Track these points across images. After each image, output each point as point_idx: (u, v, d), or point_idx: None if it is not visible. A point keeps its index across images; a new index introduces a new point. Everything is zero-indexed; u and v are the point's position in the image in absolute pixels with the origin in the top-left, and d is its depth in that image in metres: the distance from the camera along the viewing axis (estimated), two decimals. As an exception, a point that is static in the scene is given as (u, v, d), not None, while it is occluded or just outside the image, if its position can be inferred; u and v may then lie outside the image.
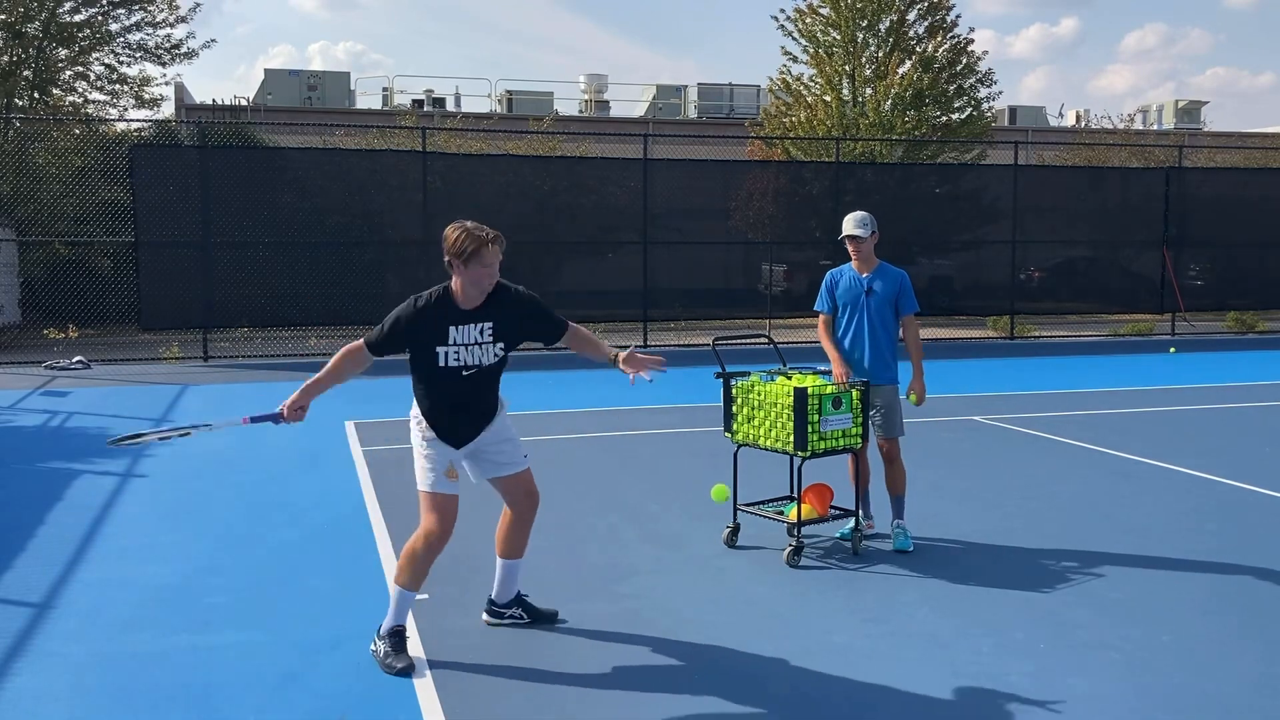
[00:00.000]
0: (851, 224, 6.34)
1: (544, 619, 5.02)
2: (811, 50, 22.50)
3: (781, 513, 6.37)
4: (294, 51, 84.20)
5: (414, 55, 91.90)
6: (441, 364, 4.45)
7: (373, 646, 4.63)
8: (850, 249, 6.36)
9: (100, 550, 6.29)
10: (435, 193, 16.52)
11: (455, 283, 4.46)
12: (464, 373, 4.49)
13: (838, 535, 6.46)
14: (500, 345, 4.54)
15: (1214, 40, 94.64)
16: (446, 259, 4.41)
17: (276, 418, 4.60)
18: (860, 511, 6.31)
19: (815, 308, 6.54)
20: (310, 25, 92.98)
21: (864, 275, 6.38)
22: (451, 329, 4.44)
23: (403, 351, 4.52)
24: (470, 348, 4.47)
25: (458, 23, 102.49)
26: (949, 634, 4.97)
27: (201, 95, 36.43)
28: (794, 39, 22.67)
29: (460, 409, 4.57)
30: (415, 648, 4.76)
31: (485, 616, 5.03)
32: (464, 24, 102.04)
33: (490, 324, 4.50)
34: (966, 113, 22.65)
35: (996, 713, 4.18)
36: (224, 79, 52.37)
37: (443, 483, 4.53)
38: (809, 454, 5.92)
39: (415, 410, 4.63)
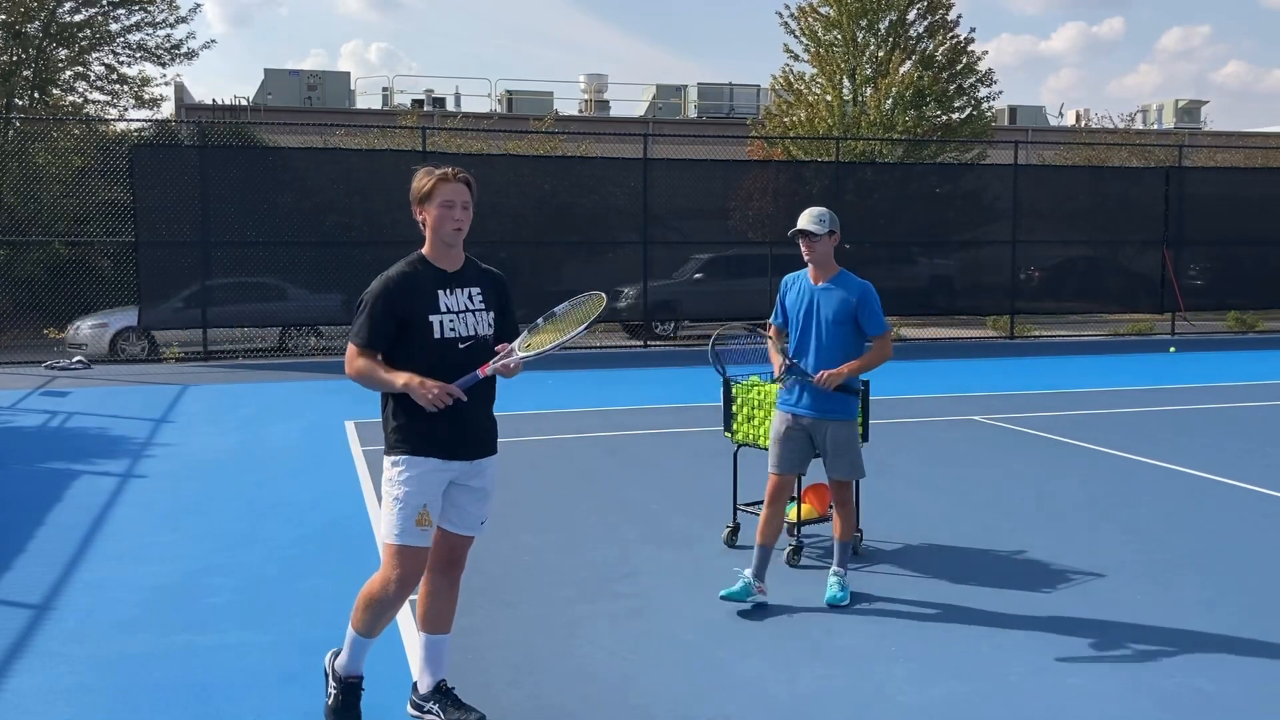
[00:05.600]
0: (807, 218, 5.33)
1: None
2: (812, 49, 22.52)
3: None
4: (326, 55, 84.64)
5: (433, 55, 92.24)
6: (438, 335, 3.83)
7: (327, 687, 4.07)
8: (803, 249, 5.34)
9: (100, 550, 6.29)
10: (435, 192, 16.50)
11: (427, 242, 3.96)
12: (460, 345, 3.87)
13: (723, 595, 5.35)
14: (492, 315, 3.98)
15: (1243, 38, 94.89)
16: (414, 210, 3.96)
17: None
18: (753, 574, 5.33)
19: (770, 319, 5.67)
20: (348, 27, 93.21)
21: (817, 284, 5.39)
22: (441, 293, 3.88)
23: (392, 335, 3.85)
24: (463, 315, 3.90)
25: (462, 20, 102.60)
26: (949, 634, 4.97)
27: (227, 96, 36.25)
28: (795, 37, 22.71)
29: (464, 402, 3.84)
30: (414, 647, 4.75)
31: (409, 709, 4.16)
32: (468, 21, 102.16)
33: (478, 289, 3.97)
34: (966, 112, 22.67)
35: (997, 713, 4.18)
36: (246, 83, 53.28)
37: (412, 532, 3.85)
38: (809, 454, 5.90)
39: (394, 428, 3.90)
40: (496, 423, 4.08)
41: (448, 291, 3.90)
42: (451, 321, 3.87)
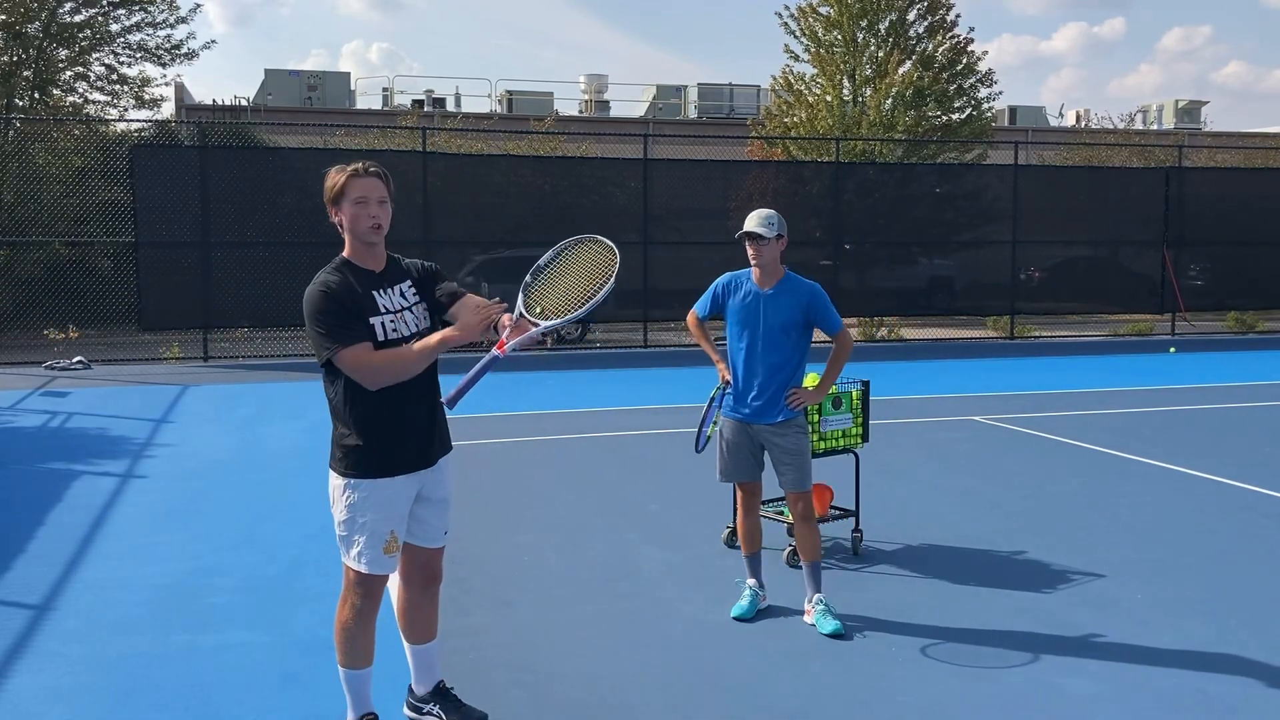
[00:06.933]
0: (755, 220, 5.09)
1: None
2: (812, 50, 22.53)
3: (781, 513, 6.37)
4: (327, 55, 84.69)
5: (433, 55, 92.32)
6: (382, 337, 3.68)
7: None
8: (750, 253, 5.13)
9: (100, 550, 6.29)
10: (435, 193, 16.54)
11: (347, 244, 3.83)
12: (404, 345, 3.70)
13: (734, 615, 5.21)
14: (424, 306, 3.85)
15: (1243, 39, 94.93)
16: (330, 212, 3.81)
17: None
18: (756, 581, 5.30)
19: (695, 307, 5.46)
20: (350, 27, 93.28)
21: (765, 290, 5.17)
22: (375, 294, 3.74)
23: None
24: (401, 314, 3.76)
25: (462, 20, 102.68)
26: (949, 634, 4.97)
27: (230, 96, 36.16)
28: (795, 38, 22.72)
29: (412, 404, 3.76)
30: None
31: (405, 710, 4.16)
32: (468, 21, 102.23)
33: (408, 283, 3.86)
34: (966, 113, 22.67)
35: (997, 713, 4.18)
36: (248, 83, 53.40)
37: (381, 561, 3.75)
38: (809, 454, 5.89)
39: (345, 448, 3.73)
40: (440, 405, 3.88)
41: (381, 291, 3.77)
42: (392, 321, 3.73)
